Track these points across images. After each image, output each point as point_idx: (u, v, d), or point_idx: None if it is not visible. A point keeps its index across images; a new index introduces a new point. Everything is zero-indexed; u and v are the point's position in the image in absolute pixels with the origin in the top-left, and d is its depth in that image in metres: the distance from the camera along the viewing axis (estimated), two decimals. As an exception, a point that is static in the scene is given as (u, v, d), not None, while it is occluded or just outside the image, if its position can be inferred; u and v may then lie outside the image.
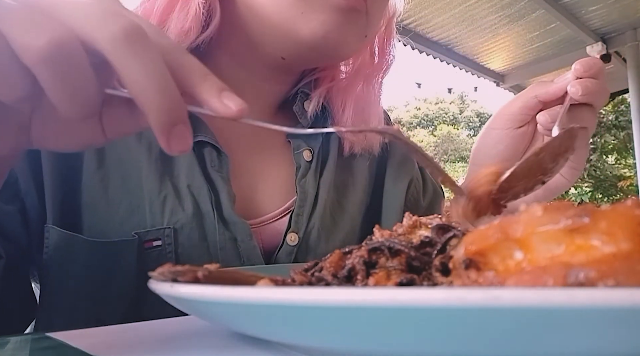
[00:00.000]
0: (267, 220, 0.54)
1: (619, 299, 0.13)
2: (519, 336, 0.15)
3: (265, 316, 0.19)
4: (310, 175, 0.56)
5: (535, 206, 0.18)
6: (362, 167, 0.63)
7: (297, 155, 0.57)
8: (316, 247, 0.53)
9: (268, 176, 0.57)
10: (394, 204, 0.63)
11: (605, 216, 0.17)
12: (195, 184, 0.49)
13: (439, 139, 24.55)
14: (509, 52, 5.04)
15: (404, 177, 0.65)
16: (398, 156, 0.67)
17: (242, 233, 0.49)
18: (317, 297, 0.16)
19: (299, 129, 0.39)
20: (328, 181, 0.57)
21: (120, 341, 0.30)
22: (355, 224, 0.59)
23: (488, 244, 0.19)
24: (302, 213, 0.54)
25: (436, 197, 0.71)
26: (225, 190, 0.50)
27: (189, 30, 0.49)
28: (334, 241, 0.55)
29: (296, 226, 0.53)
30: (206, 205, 0.49)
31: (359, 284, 0.23)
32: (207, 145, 0.51)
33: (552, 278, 0.16)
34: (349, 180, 0.61)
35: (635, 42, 4.66)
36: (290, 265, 0.42)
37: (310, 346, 0.21)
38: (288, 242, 0.52)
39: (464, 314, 0.14)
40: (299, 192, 0.55)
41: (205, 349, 0.26)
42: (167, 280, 0.23)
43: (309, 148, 0.58)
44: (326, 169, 0.58)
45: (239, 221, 0.49)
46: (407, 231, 0.27)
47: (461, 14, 4.25)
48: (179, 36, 0.48)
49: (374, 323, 0.16)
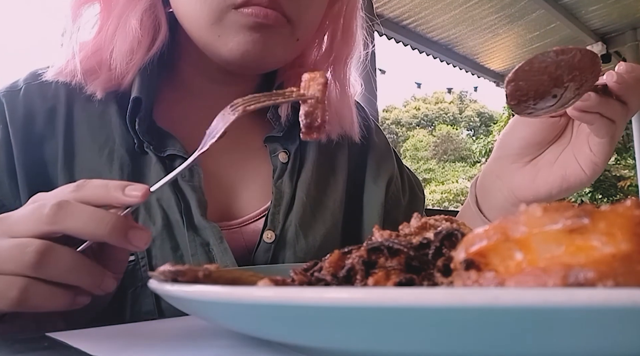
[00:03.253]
0: (247, 221, 0.56)
1: (618, 299, 0.13)
2: (519, 336, 0.15)
3: (265, 316, 0.19)
4: (286, 176, 0.58)
5: (535, 207, 0.18)
6: (342, 163, 0.65)
7: (273, 158, 0.59)
8: (294, 243, 0.54)
9: (246, 180, 0.58)
10: (375, 201, 0.64)
11: (605, 216, 0.17)
12: (164, 197, 0.51)
13: (438, 139, 24.56)
14: (509, 52, 5.04)
15: (383, 174, 0.66)
16: (377, 153, 0.68)
17: (213, 236, 0.50)
18: (317, 297, 0.16)
19: None
20: (307, 180, 0.59)
21: (120, 341, 0.30)
22: (336, 219, 0.61)
23: (488, 245, 0.19)
24: (278, 212, 0.55)
25: (414, 196, 0.71)
26: (195, 198, 0.51)
27: (132, 50, 0.53)
28: (314, 236, 0.56)
29: (272, 224, 0.54)
30: (175, 215, 0.50)
31: (358, 284, 0.23)
32: (178, 158, 0.53)
33: (552, 279, 0.16)
34: (330, 177, 0.63)
35: (635, 42, 4.66)
36: (291, 265, 0.42)
37: (310, 346, 0.21)
38: (265, 240, 0.53)
39: (464, 314, 0.14)
40: (275, 192, 0.56)
41: (205, 349, 0.26)
42: (167, 280, 0.24)
43: (284, 150, 0.60)
44: (304, 169, 0.60)
45: (208, 226, 0.50)
46: (415, 232, 0.27)
47: (461, 14, 4.26)
48: (124, 57, 0.52)
49: (373, 323, 0.16)
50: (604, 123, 0.45)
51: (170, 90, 0.59)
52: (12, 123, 0.51)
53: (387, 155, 0.69)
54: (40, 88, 0.54)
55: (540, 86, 0.36)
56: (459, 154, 24.20)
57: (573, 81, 0.36)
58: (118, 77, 0.53)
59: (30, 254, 0.31)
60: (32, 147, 0.51)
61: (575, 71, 0.35)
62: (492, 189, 0.57)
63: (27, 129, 0.51)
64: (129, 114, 0.52)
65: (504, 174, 0.54)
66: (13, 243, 0.32)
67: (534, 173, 0.52)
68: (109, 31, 0.53)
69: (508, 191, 0.54)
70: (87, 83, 0.53)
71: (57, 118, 0.53)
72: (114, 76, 0.53)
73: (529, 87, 0.36)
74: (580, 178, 0.50)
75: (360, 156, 0.67)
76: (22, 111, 0.52)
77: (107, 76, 0.53)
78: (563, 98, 0.38)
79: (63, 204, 0.33)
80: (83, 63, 0.52)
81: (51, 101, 0.53)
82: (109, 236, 0.33)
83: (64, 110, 0.53)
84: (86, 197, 0.34)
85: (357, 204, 0.64)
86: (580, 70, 0.36)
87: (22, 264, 0.32)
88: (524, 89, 0.36)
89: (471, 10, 4.19)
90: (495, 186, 0.56)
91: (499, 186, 0.55)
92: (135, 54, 0.53)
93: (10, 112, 0.51)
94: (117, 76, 0.53)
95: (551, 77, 0.35)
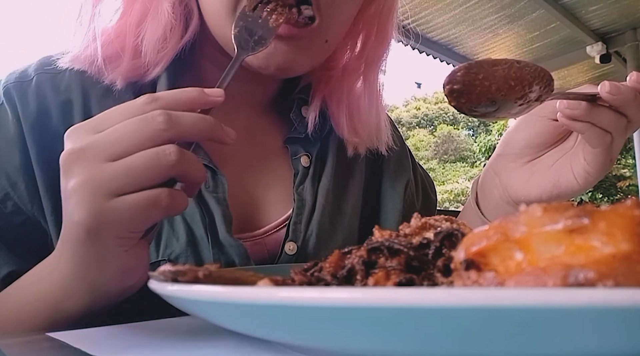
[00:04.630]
0: (270, 231, 0.53)
1: (618, 299, 0.13)
2: (519, 336, 0.15)
3: (265, 316, 0.19)
4: (308, 181, 0.56)
5: (535, 207, 0.18)
6: (360, 169, 0.63)
7: (294, 161, 0.56)
8: (315, 254, 0.53)
9: (266, 185, 0.56)
10: (393, 206, 0.62)
11: (605, 216, 0.17)
12: (188, 210, 0.47)
13: (439, 139, 24.53)
14: (509, 52, 5.04)
15: (401, 178, 0.65)
16: (394, 156, 0.66)
17: (239, 255, 0.48)
18: (317, 297, 0.16)
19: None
20: (326, 186, 0.57)
21: (120, 341, 0.30)
22: (353, 227, 0.59)
23: (488, 245, 0.19)
24: (300, 222, 0.53)
25: (426, 198, 0.70)
26: (220, 212, 0.49)
27: (166, 38, 0.49)
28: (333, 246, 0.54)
29: (294, 235, 0.52)
30: (199, 230, 0.48)
31: (359, 284, 0.23)
32: None
33: (552, 279, 0.16)
34: (349, 183, 0.61)
35: (635, 42, 4.66)
36: (290, 265, 0.42)
37: (310, 346, 0.21)
38: (287, 252, 0.52)
39: (464, 314, 0.14)
40: (297, 200, 0.54)
41: (205, 349, 0.26)
42: (167, 280, 0.24)
43: (306, 153, 0.57)
44: (324, 174, 0.57)
45: (235, 244, 0.48)
46: (415, 232, 0.27)
47: (461, 14, 4.25)
48: (156, 44, 0.49)
49: (373, 323, 0.16)
50: (596, 133, 0.45)
51: None
52: (26, 119, 0.48)
53: (404, 158, 0.68)
54: (53, 79, 0.51)
55: (474, 92, 0.37)
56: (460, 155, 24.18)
57: (511, 92, 0.37)
58: (147, 65, 0.50)
59: (172, 156, 0.32)
60: (49, 145, 0.47)
61: (510, 82, 0.37)
62: (490, 186, 0.56)
63: (42, 125, 0.48)
64: None
65: (502, 171, 0.54)
66: (147, 154, 0.32)
67: (529, 175, 0.52)
68: (135, 15, 0.49)
69: (503, 189, 0.54)
70: (107, 71, 0.49)
71: (74, 113, 0.50)
72: (141, 64, 0.50)
73: (464, 91, 0.37)
74: (571, 186, 0.49)
75: (378, 160, 0.65)
76: (35, 105, 0.49)
77: (131, 64, 0.50)
78: (507, 107, 0.39)
79: (167, 112, 0.33)
80: (104, 48, 0.49)
81: (65, 94, 0.50)
82: (214, 131, 0.35)
83: (80, 103, 0.50)
84: (170, 105, 0.34)
85: (374, 210, 0.63)
86: (517, 81, 0.37)
87: (166, 167, 0.32)
88: (458, 92, 0.37)
89: (471, 10, 4.19)
90: (493, 183, 0.56)
91: (496, 183, 0.55)
92: (169, 42, 0.49)
93: (23, 106, 0.48)
94: (145, 65, 0.50)
95: (484, 85, 0.37)
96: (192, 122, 0.34)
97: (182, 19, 0.50)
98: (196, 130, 0.34)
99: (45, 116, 0.49)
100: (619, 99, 0.42)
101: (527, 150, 0.52)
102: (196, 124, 0.34)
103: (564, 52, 4.91)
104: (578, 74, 5.95)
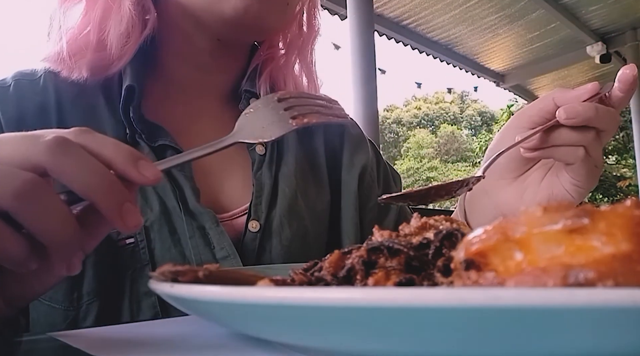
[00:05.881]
0: (235, 215, 0.57)
1: (618, 299, 0.13)
2: (519, 336, 0.15)
3: (265, 316, 0.19)
4: (265, 167, 0.59)
5: (535, 207, 0.18)
6: (321, 156, 0.66)
7: (251, 151, 0.60)
8: (280, 231, 0.56)
9: (231, 174, 0.59)
10: (349, 190, 0.65)
11: (605, 216, 0.17)
12: (159, 185, 0.51)
13: (441, 139, 24.54)
14: (509, 52, 5.04)
15: (357, 164, 0.67)
16: (352, 144, 0.68)
17: (209, 220, 0.51)
18: (317, 297, 0.16)
19: None
20: (288, 172, 0.60)
21: (120, 341, 0.30)
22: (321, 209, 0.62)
23: (488, 245, 0.19)
24: (260, 203, 0.56)
25: (387, 188, 0.71)
26: (188, 185, 0.52)
27: (128, 33, 0.53)
28: (299, 225, 0.57)
29: (256, 214, 0.55)
30: (171, 201, 0.51)
31: (358, 284, 0.24)
32: (169, 148, 0.54)
33: (552, 279, 0.16)
34: (313, 168, 0.64)
35: (635, 42, 4.66)
36: (290, 265, 0.42)
37: (310, 346, 0.21)
38: (250, 229, 0.54)
39: (464, 314, 0.14)
40: (255, 184, 0.57)
41: (205, 349, 0.26)
42: (167, 280, 0.24)
43: (260, 143, 0.61)
44: (285, 162, 0.61)
45: (204, 211, 0.51)
46: (415, 232, 0.27)
47: (461, 14, 4.26)
48: (120, 40, 0.52)
49: (373, 323, 0.16)
50: (564, 151, 0.46)
51: (154, 84, 0.59)
52: (7, 123, 0.50)
53: (360, 147, 0.70)
54: (30, 84, 0.54)
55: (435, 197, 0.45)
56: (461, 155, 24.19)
57: None
58: (112, 58, 0.53)
59: (16, 183, 0.26)
60: None
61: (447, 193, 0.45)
62: (479, 205, 0.57)
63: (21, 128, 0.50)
64: (123, 103, 0.53)
65: (491, 190, 0.55)
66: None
67: (521, 191, 0.52)
68: (98, 13, 0.53)
69: (494, 207, 0.54)
70: (72, 63, 0.52)
71: (49, 114, 0.53)
72: (105, 56, 0.53)
73: None
74: (567, 199, 0.50)
75: (337, 148, 0.68)
76: (15, 109, 0.51)
77: (96, 56, 0.53)
78: None
79: (66, 141, 0.27)
80: (70, 43, 0.52)
81: (40, 96, 0.53)
82: (104, 198, 0.28)
83: (54, 104, 0.53)
84: (91, 148, 0.29)
85: (336, 194, 0.66)
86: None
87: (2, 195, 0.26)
88: None
89: (471, 10, 4.20)
90: (483, 202, 0.56)
91: (486, 203, 0.55)
92: (131, 37, 0.53)
93: (3, 111, 0.51)
94: (110, 57, 0.53)
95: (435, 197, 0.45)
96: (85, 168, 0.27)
97: (141, 16, 0.54)
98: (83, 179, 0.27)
99: (23, 119, 0.51)
100: (579, 121, 0.44)
101: (512, 164, 0.53)
102: (87, 173, 0.27)
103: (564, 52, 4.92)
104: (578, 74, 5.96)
